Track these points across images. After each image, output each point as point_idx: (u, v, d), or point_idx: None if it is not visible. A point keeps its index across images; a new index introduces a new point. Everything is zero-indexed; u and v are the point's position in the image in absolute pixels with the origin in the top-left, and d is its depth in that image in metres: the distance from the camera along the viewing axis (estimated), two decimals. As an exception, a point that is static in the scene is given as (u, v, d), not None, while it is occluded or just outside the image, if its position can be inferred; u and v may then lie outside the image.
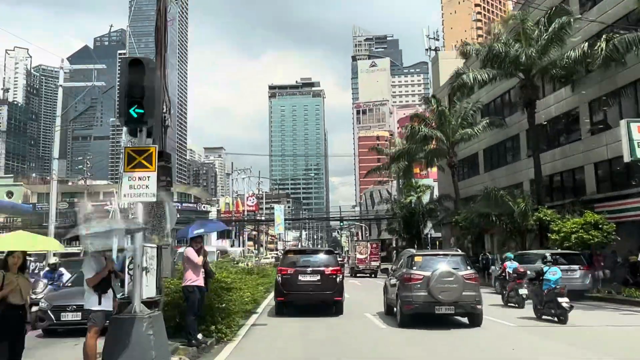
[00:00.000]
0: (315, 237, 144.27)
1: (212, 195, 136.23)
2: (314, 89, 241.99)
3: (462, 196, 34.09)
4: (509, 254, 18.65)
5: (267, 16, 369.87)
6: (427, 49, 63.48)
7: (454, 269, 11.40)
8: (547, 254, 14.40)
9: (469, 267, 11.87)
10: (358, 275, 38.16)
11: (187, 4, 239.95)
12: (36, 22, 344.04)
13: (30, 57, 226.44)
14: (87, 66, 30.42)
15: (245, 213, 77.43)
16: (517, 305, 15.27)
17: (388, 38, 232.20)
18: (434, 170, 43.69)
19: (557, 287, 12.31)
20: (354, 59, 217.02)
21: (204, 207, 78.18)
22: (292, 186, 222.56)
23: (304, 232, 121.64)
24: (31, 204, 64.66)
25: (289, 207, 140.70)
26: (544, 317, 12.63)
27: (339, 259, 18.03)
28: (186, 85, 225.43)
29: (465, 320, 11.79)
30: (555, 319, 12.17)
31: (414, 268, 11.64)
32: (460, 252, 12.98)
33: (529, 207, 24.46)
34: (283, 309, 13.85)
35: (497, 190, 26.63)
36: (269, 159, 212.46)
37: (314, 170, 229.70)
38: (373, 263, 38.75)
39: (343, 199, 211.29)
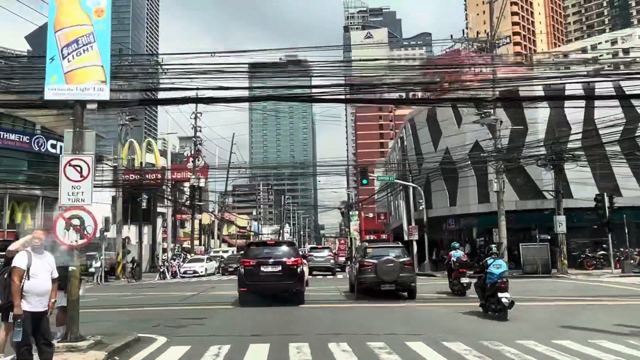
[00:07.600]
0: (302, 232, 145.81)
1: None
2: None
3: None
4: (455, 243, 20.86)
5: (248, 13, 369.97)
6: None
7: (395, 257, 17.56)
8: (493, 246, 15.09)
9: (406, 256, 18.17)
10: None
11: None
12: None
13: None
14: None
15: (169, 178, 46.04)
16: (459, 293, 18.01)
17: (384, 10, 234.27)
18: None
19: (499, 281, 12.83)
20: (346, 29, 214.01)
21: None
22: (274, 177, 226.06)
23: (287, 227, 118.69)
24: None
25: (270, 198, 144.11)
26: (489, 312, 13.14)
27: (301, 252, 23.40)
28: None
29: (405, 294, 17.96)
30: (496, 314, 12.81)
31: (367, 257, 17.88)
32: (400, 244, 19.52)
33: None
34: (247, 299, 16.19)
35: None
36: (248, 146, 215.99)
37: (299, 163, 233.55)
38: (340, 258, 47.84)
39: (329, 199, 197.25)
